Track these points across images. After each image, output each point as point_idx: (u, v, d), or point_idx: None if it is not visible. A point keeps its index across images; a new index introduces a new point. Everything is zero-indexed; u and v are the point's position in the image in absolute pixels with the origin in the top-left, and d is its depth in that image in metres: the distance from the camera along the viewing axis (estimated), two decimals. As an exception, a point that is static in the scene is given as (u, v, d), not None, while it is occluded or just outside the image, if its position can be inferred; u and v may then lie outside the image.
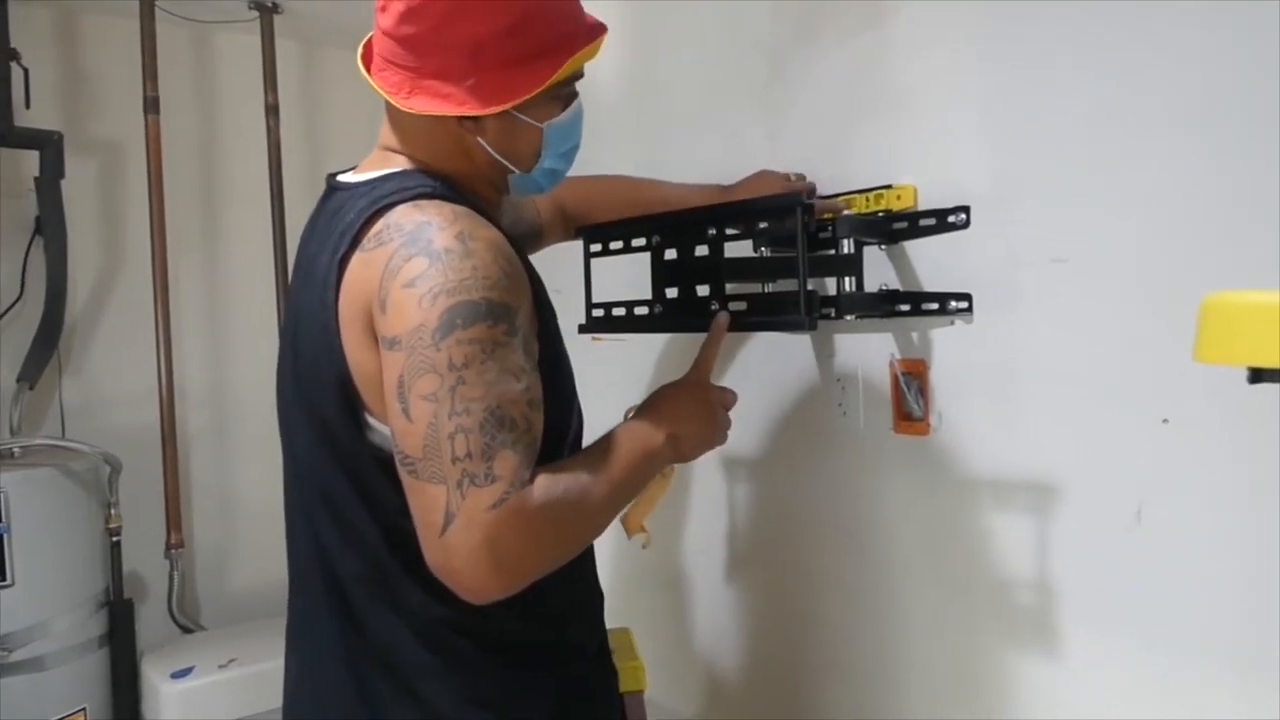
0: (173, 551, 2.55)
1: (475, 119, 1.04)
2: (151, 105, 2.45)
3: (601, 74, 1.91)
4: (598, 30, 1.08)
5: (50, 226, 2.35)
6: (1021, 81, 1.18)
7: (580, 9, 1.09)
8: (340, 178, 1.12)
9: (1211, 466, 1.03)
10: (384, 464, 0.97)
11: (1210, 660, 1.04)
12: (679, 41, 1.72)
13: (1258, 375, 0.44)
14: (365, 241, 0.97)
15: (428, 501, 0.90)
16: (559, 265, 1.38)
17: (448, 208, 0.98)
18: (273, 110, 2.62)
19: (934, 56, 1.29)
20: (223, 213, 2.74)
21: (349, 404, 0.99)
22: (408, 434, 0.91)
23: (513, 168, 1.10)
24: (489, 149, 1.07)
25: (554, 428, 1.02)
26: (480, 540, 0.87)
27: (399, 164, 1.07)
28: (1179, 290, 1.05)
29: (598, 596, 1.20)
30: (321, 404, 1.01)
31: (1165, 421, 1.06)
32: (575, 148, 1.17)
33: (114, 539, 2.37)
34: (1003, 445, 1.23)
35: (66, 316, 2.42)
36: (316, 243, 1.06)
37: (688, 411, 1.12)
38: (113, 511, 2.36)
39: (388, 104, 1.06)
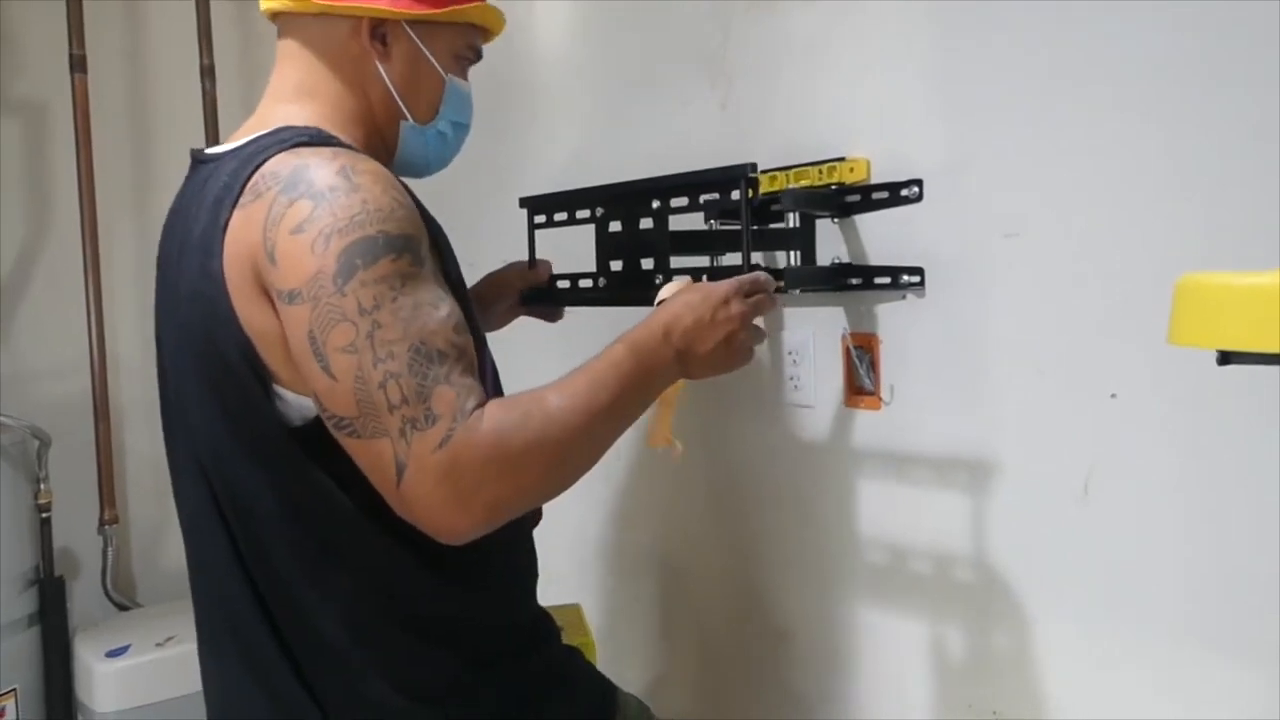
0: (106, 527, 2.47)
1: (385, 43, 1.03)
2: (78, 64, 2.34)
3: (550, 42, 1.87)
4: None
5: (-29, 191, 2.25)
6: (976, 55, 1.18)
7: None
8: (209, 150, 1.06)
9: (1158, 440, 1.05)
10: (298, 436, 0.92)
11: (1157, 630, 1.06)
12: (630, 8, 1.69)
13: (1226, 357, 0.43)
14: (242, 198, 0.91)
15: (375, 458, 0.85)
16: (505, 233, 1.35)
17: (325, 149, 0.93)
18: (208, 72, 2.52)
19: (887, 28, 1.27)
20: (156, 178, 2.64)
21: (257, 378, 0.91)
22: (334, 393, 0.85)
23: (408, 114, 1.07)
24: (389, 83, 1.04)
25: None
26: (435, 482, 0.82)
27: (274, 124, 1.00)
28: (1129, 266, 1.06)
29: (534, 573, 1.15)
30: (223, 383, 0.93)
31: (1113, 396, 1.07)
32: (467, 127, 1.15)
33: (44, 515, 2.29)
34: (953, 419, 1.23)
35: (-10, 285, 2.33)
36: (186, 220, 0.99)
37: (702, 326, 1.00)
38: (42, 487, 2.27)
39: (281, 38, 1.05)
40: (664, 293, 1.09)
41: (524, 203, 1.36)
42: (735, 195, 1.11)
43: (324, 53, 1.04)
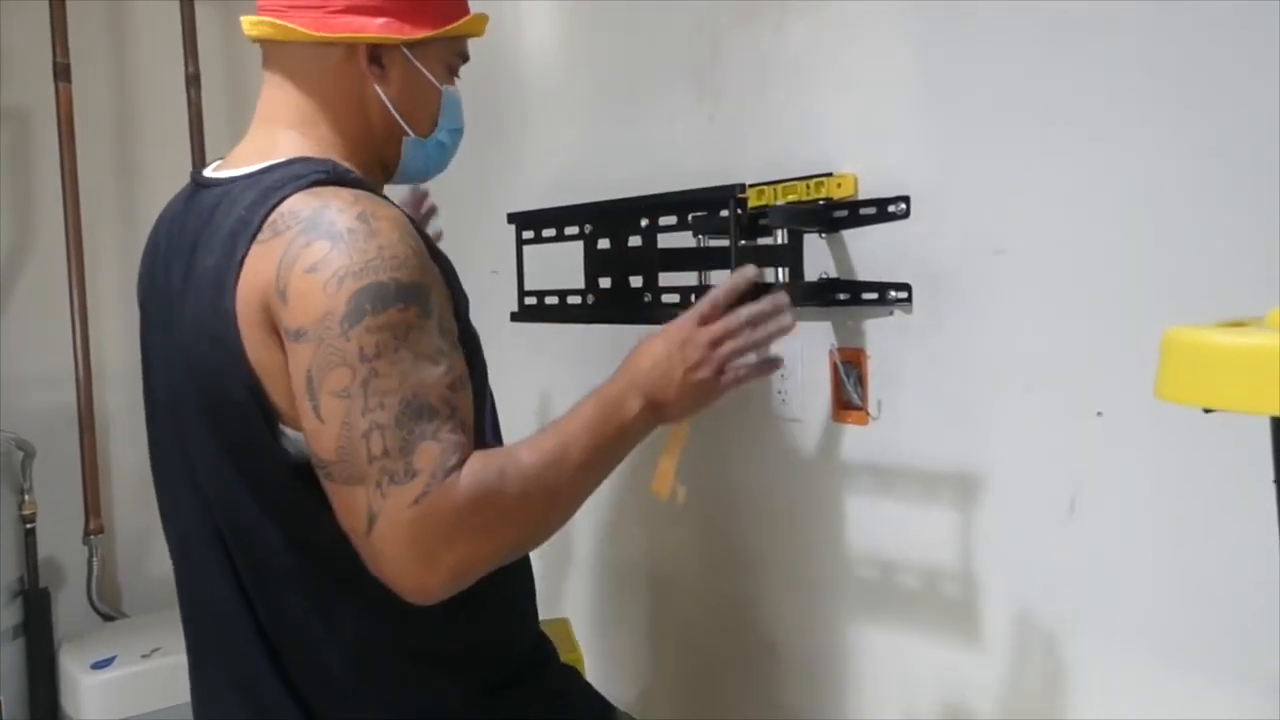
0: (92, 538, 2.46)
1: (382, 65, 1.03)
2: (62, 73, 2.33)
3: (539, 55, 1.87)
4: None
5: (-45, 200, 2.24)
6: (964, 71, 1.18)
7: None
8: (210, 173, 1.04)
9: (1144, 458, 1.05)
10: (304, 473, 0.91)
11: (1142, 649, 1.06)
12: (618, 22, 1.69)
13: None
14: (260, 234, 0.90)
15: (347, 504, 0.85)
16: (499, 247, 1.34)
17: (346, 191, 0.93)
18: (194, 80, 2.51)
19: (875, 42, 1.28)
20: (141, 186, 2.62)
21: (263, 415, 0.91)
22: (319, 435, 0.86)
23: (409, 130, 1.07)
24: (388, 104, 1.04)
25: None
26: (406, 539, 0.82)
27: (282, 152, 1.00)
28: (1115, 284, 1.06)
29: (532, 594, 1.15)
30: (230, 419, 0.93)
31: (1099, 414, 1.08)
32: (462, 131, 1.15)
33: (28, 526, 2.28)
34: (941, 435, 1.23)
35: (-25, 294, 2.31)
36: (193, 247, 0.97)
37: (665, 370, 0.97)
38: (27, 498, 2.27)
39: (271, 65, 1.04)
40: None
41: (512, 218, 1.36)
42: (724, 213, 1.12)
43: (319, 78, 1.03)
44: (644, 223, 1.18)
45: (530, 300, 1.35)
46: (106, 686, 2.10)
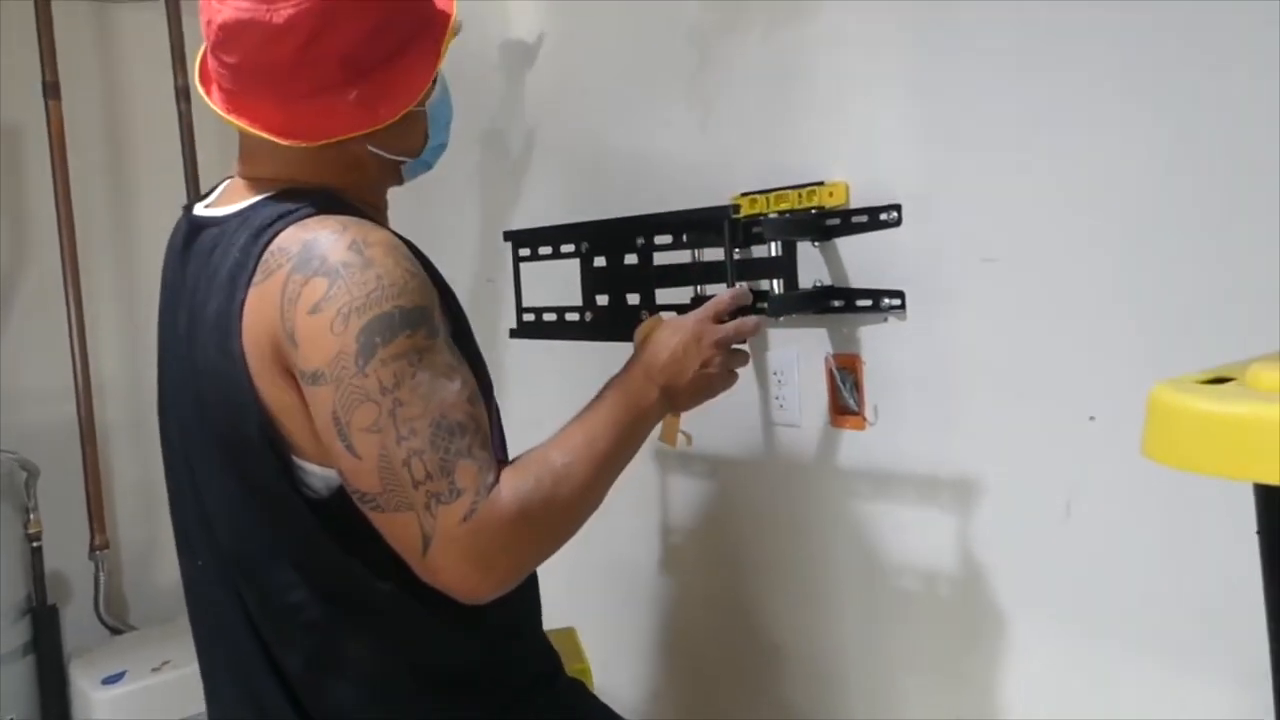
0: (97, 552, 2.47)
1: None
2: (51, 90, 2.33)
3: (528, 65, 1.87)
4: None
5: (-51, 220, 2.24)
6: (954, 80, 1.19)
7: None
8: (202, 210, 1.04)
9: (1137, 463, 1.06)
10: (318, 507, 0.94)
11: (1138, 652, 1.08)
12: (608, 30, 1.69)
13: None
14: (255, 276, 0.91)
15: (400, 530, 0.88)
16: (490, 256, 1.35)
17: (331, 219, 0.93)
18: (183, 94, 2.51)
19: (864, 49, 1.28)
20: (134, 200, 2.63)
21: (275, 453, 0.93)
22: (359, 472, 0.88)
23: (405, 159, 1.07)
24: (381, 153, 1.02)
25: None
26: (461, 553, 0.86)
27: (271, 184, 1.00)
28: (1106, 291, 1.07)
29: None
30: (245, 459, 0.94)
31: (1092, 419, 1.09)
32: (452, 115, 1.13)
33: (34, 544, 2.29)
34: (936, 440, 1.25)
35: (-29, 313, 2.32)
36: (195, 292, 0.98)
37: (681, 362, 1.05)
38: (31, 517, 2.28)
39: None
40: (639, 332, 1.10)
41: (508, 236, 1.37)
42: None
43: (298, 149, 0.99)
44: (639, 241, 1.19)
45: (529, 317, 1.36)
46: (117, 702, 2.12)
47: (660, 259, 1.22)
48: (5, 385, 2.46)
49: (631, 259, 1.23)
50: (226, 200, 1.03)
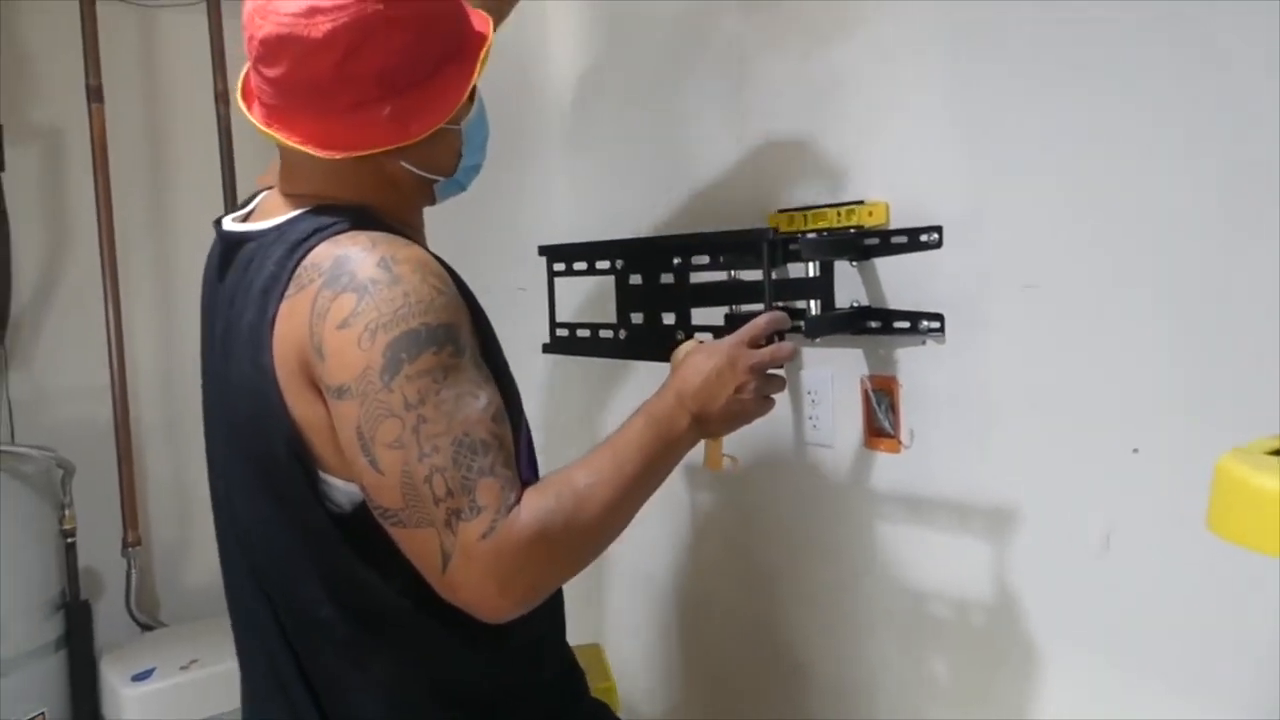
0: (130, 550, 2.50)
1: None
2: (94, 94, 2.35)
3: (566, 77, 1.87)
4: (483, 19, 1.05)
5: (-8, 220, 2.27)
6: (997, 99, 1.17)
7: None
8: (237, 225, 1.05)
9: (1181, 498, 1.04)
10: (343, 521, 0.94)
11: (1176, 694, 1.06)
12: (649, 47, 1.69)
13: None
14: (288, 290, 0.93)
15: (421, 546, 0.88)
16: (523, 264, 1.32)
17: (363, 235, 0.94)
18: (222, 97, 2.53)
19: (907, 69, 1.27)
20: (172, 202, 2.65)
21: (302, 467, 0.94)
22: (381, 488, 0.88)
23: (438, 178, 1.07)
24: (414, 170, 1.03)
25: None
26: (481, 571, 0.86)
27: (308, 198, 1.01)
28: (1149, 321, 1.05)
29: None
30: (273, 473, 0.95)
31: (1135, 451, 1.07)
32: (488, 135, 1.13)
33: (69, 540, 2.32)
34: (974, 466, 1.23)
35: (12, 311, 2.35)
36: (231, 305, 0.99)
37: (715, 388, 1.03)
38: (67, 513, 2.30)
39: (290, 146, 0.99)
40: (678, 353, 1.10)
41: (543, 251, 1.37)
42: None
43: (345, 160, 0.99)
44: (676, 260, 1.18)
45: (562, 332, 1.36)
46: (146, 699, 2.14)
47: (696, 277, 1.22)
48: (43, 383, 2.50)
49: (667, 278, 1.22)
50: (264, 215, 1.04)
